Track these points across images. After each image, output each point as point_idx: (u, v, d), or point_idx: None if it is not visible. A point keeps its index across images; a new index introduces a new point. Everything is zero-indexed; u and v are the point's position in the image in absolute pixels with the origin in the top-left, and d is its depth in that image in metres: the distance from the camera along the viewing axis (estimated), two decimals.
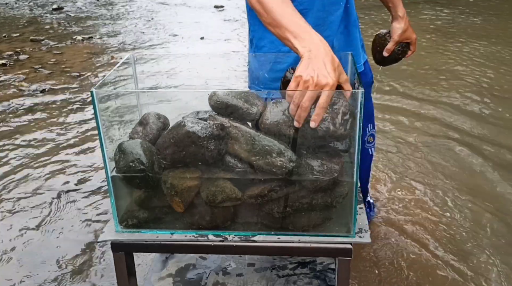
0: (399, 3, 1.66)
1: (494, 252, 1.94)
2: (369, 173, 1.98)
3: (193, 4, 7.26)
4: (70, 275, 1.90)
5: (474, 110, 3.30)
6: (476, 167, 2.59)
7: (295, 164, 1.14)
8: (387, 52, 1.68)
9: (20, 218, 2.27)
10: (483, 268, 1.87)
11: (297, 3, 1.41)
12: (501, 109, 3.29)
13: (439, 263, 1.90)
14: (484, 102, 3.41)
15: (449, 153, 2.75)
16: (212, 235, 1.23)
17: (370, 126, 1.83)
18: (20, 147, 2.95)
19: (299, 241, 1.20)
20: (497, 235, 2.05)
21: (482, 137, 2.91)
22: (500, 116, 3.19)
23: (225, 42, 5.27)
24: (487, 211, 2.21)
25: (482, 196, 2.32)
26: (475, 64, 4.20)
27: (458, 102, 3.42)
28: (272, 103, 1.17)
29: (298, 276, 1.61)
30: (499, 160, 2.64)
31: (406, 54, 1.72)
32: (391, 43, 1.66)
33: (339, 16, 1.48)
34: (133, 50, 5.02)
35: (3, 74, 4.27)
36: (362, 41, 1.67)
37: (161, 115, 1.31)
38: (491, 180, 2.46)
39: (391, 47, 1.67)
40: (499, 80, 3.81)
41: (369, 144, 1.86)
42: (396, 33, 1.64)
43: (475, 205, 2.26)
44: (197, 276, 1.62)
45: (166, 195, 1.21)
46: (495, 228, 2.10)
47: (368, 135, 1.84)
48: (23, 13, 6.86)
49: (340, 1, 1.47)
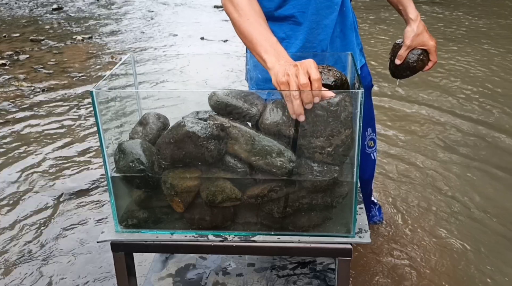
0: (409, 4, 1.55)
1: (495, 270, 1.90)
2: (373, 179, 1.95)
3: (193, 4, 7.26)
4: (70, 275, 1.90)
5: (474, 111, 3.30)
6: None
7: (295, 164, 1.14)
8: (399, 59, 1.55)
9: (20, 218, 2.27)
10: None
11: (291, 6, 1.40)
12: (500, 110, 3.29)
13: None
14: (484, 104, 3.41)
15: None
16: (212, 235, 1.23)
17: (370, 130, 1.78)
18: (20, 147, 2.95)
19: (299, 241, 1.20)
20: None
21: (480, 137, 2.91)
22: (501, 119, 3.19)
23: (225, 42, 5.28)
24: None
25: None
26: (476, 65, 4.20)
27: (458, 105, 3.42)
28: (272, 103, 1.17)
29: (298, 276, 1.61)
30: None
31: (424, 64, 1.54)
32: (403, 49, 1.54)
33: (333, 19, 1.44)
34: (133, 50, 5.02)
35: (3, 74, 4.27)
36: (360, 44, 1.61)
37: (161, 115, 1.31)
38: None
39: (403, 53, 1.54)
40: (502, 83, 3.81)
41: (370, 148, 1.81)
42: (408, 38, 1.52)
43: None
44: (197, 276, 1.62)
45: (166, 195, 1.21)
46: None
47: (368, 139, 1.79)
48: (23, 13, 6.86)
49: (334, 5, 1.43)
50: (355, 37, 1.56)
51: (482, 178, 2.48)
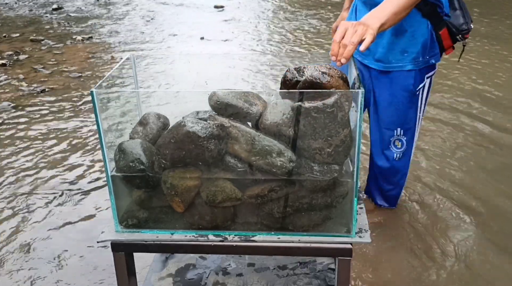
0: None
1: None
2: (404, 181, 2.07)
3: (193, 4, 7.26)
4: (70, 275, 1.90)
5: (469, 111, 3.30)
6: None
7: (295, 164, 1.14)
8: None
9: (19, 218, 2.27)
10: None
11: None
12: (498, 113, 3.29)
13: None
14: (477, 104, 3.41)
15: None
16: (212, 235, 1.23)
17: (399, 130, 1.87)
18: (19, 147, 2.95)
19: (299, 241, 1.20)
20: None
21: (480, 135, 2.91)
22: (498, 121, 3.19)
23: (225, 42, 5.27)
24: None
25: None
26: (474, 66, 4.20)
27: (456, 105, 3.42)
28: (272, 103, 1.17)
29: (298, 276, 1.61)
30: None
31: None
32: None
33: None
34: (133, 50, 5.02)
35: (3, 74, 4.27)
36: None
37: (161, 115, 1.31)
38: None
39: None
40: (500, 85, 3.81)
41: (396, 148, 1.91)
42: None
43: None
44: (197, 276, 1.62)
45: (166, 195, 1.21)
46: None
47: (394, 138, 1.89)
48: (23, 13, 6.86)
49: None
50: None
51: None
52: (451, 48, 1.78)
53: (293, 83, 1.19)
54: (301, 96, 1.10)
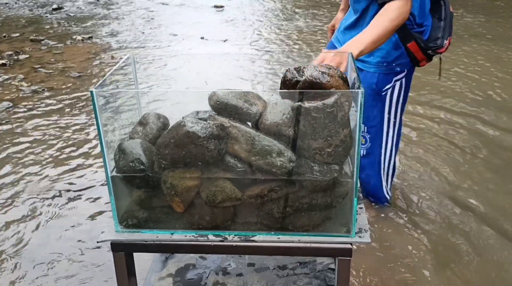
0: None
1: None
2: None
3: (193, 4, 7.26)
4: (70, 275, 1.90)
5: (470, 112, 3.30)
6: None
7: (295, 164, 1.14)
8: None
9: (18, 218, 2.27)
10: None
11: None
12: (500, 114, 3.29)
13: None
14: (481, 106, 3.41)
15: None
16: (212, 235, 1.23)
17: (363, 126, 1.84)
18: (19, 147, 2.95)
19: (299, 241, 1.20)
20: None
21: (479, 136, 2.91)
22: (497, 121, 3.19)
23: (224, 42, 5.27)
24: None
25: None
26: (474, 65, 4.20)
27: (455, 105, 3.42)
28: (272, 103, 1.17)
29: (298, 276, 1.60)
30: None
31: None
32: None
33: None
34: (133, 50, 5.02)
35: (3, 74, 4.27)
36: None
37: (161, 115, 1.31)
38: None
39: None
40: (501, 84, 3.81)
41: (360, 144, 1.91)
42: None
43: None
44: (197, 276, 1.62)
45: (166, 195, 1.21)
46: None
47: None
48: (23, 13, 6.86)
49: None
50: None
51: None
52: (425, 61, 1.80)
53: (293, 83, 1.19)
54: (301, 96, 1.10)
